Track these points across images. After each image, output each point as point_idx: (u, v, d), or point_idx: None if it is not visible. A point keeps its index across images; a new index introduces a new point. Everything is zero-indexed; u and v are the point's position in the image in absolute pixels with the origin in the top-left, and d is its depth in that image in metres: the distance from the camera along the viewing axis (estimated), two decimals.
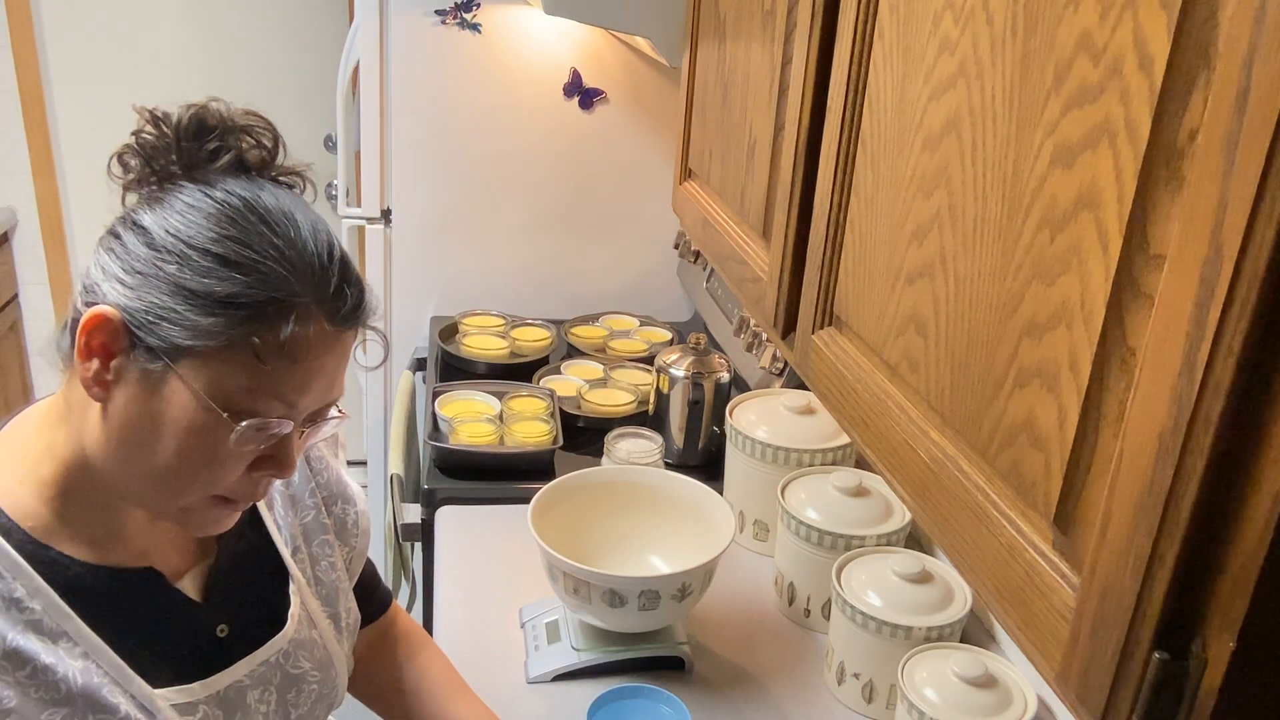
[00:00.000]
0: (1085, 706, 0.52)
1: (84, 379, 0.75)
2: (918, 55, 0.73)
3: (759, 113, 1.09)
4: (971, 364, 0.65)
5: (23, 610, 0.75)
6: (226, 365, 0.74)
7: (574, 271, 2.44)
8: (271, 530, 0.95)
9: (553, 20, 2.19)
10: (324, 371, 0.78)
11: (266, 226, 0.76)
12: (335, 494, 1.03)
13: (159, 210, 0.76)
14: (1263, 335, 0.41)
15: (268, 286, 0.74)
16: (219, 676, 0.87)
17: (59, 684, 0.76)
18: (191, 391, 0.74)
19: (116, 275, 0.75)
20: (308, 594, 0.97)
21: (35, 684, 0.74)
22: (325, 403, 0.81)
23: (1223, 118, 0.42)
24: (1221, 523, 0.44)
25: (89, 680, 0.77)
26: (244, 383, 0.74)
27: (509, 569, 1.56)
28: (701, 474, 1.57)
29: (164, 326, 0.73)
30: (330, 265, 0.78)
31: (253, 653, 0.90)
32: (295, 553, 0.97)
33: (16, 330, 3.29)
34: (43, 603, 0.76)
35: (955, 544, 0.66)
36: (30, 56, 3.11)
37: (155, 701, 0.81)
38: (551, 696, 1.31)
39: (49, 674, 0.75)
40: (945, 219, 0.69)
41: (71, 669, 0.76)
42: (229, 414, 0.74)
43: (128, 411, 0.76)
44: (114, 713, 0.78)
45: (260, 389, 0.75)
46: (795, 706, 1.33)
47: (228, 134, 0.80)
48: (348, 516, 1.04)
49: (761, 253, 1.09)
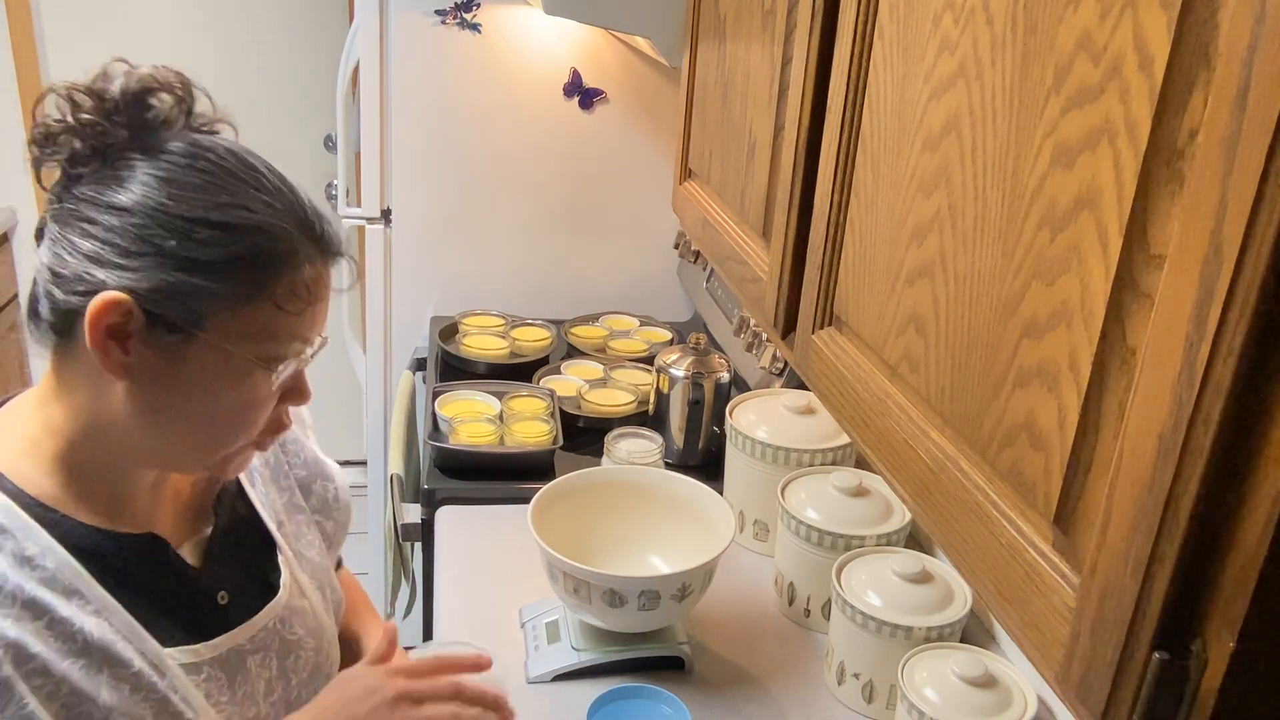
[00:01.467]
0: (1085, 706, 0.52)
1: (104, 364, 0.76)
2: (918, 55, 0.73)
3: (759, 113, 1.09)
4: (971, 364, 0.65)
5: (35, 568, 0.77)
6: (251, 320, 0.78)
7: (574, 271, 2.44)
8: (257, 505, 0.98)
9: (553, 20, 2.19)
10: (326, 303, 0.83)
11: (246, 184, 0.78)
12: (314, 472, 1.06)
13: (130, 187, 0.76)
14: (1263, 335, 0.41)
15: (273, 239, 0.78)
16: (221, 640, 0.89)
17: (75, 635, 0.77)
18: (222, 352, 0.77)
19: (111, 261, 0.75)
20: (295, 565, 0.99)
21: (54, 634, 0.76)
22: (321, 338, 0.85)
23: (1223, 118, 0.42)
24: (1221, 522, 0.44)
25: (103, 634, 0.79)
26: (271, 330, 0.78)
27: (509, 569, 1.56)
28: (701, 474, 1.57)
29: (182, 299, 0.75)
30: (306, 205, 0.82)
31: (251, 619, 0.92)
32: (280, 527, 1.00)
33: (16, 330, 3.29)
34: (55, 561, 0.78)
35: (955, 544, 0.66)
36: (30, 56, 3.11)
37: (164, 660, 0.83)
38: (551, 696, 1.31)
39: (66, 625, 0.77)
40: (945, 219, 0.69)
41: (86, 623, 0.78)
42: (262, 363, 0.78)
43: (156, 384, 0.78)
44: (128, 667, 0.80)
45: (286, 333, 0.79)
46: (795, 706, 1.33)
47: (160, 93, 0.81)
48: (328, 492, 1.07)
49: (761, 253, 1.09)
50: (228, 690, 0.89)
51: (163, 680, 0.82)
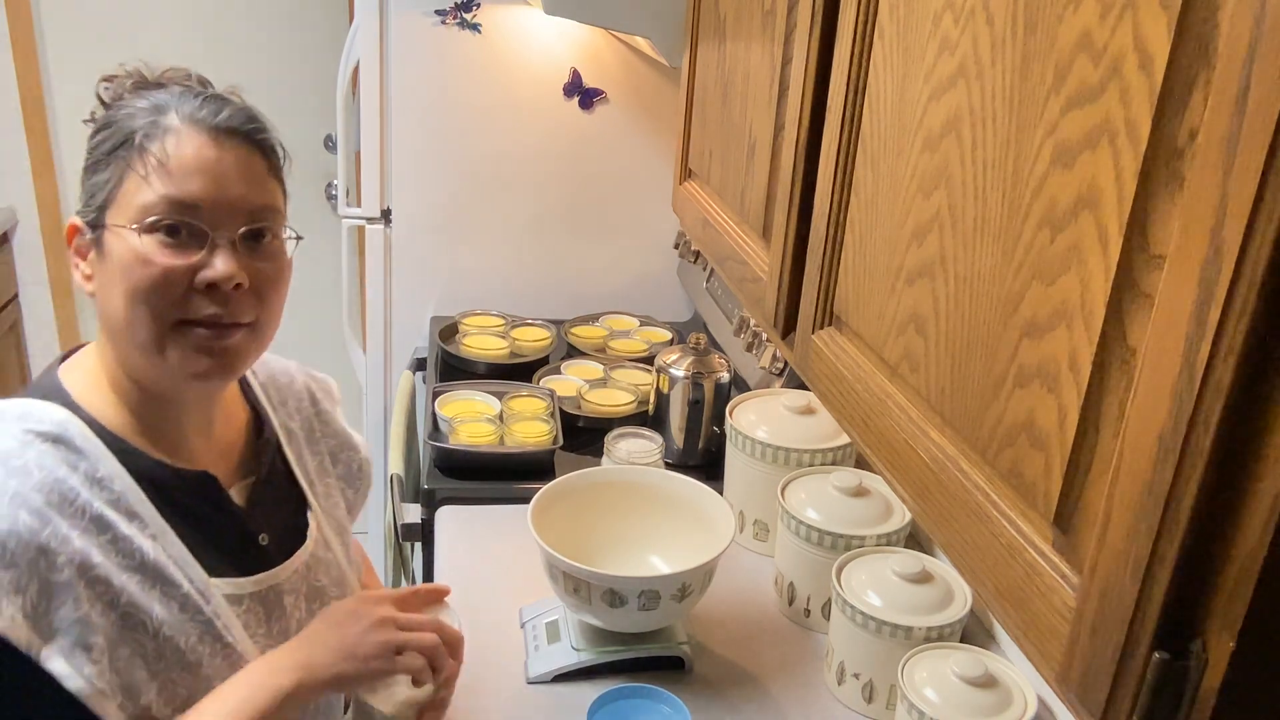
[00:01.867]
0: (1085, 706, 0.52)
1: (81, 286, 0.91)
2: (918, 55, 0.73)
3: (759, 113, 1.09)
4: (971, 364, 0.65)
5: (104, 489, 0.86)
6: (127, 195, 0.87)
7: (574, 271, 2.44)
8: (292, 463, 1.08)
9: (553, 20, 2.19)
10: (210, 171, 0.88)
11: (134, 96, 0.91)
12: (342, 444, 1.17)
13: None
14: (1263, 335, 0.41)
15: (133, 120, 0.88)
16: (262, 576, 0.97)
17: (135, 553, 0.86)
18: (117, 233, 0.87)
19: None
20: (323, 520, 1.08)
21: (116, 550, 0.85)
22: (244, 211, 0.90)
23: (1223, 118, 0.42)
24: (1221, 523, 0.44)
25: (158, 556, 0.88)
26: (145, 200, 0.86)
27: (509, 569, 1.56)
28: (701, 474, 1.57)
29: (90, 202, 0.89)
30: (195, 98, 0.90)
31: (286, 561, 1.00)
32: (310, 486, 1.09)
33: (16, 330, 3.29)
34: (121, 485, 0.87)
35: (955, 544, 0.66)
36: (30, 56, 3.11)
37: (210, 588, 0.91)
38: (551, 696, 1.31)
39: (127, 543, 0.86)
40: (945, 219, 0.69)
41: (144, 544, 0.87)
42: (141, 227, 0.86)
43: (100, 289, 0.90)
44: (178, 588, 0.89)
45: (154, 198, 0.86)
46: (795, 706, 1.33)
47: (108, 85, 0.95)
48: (353, 463, 1.17)
49: (761, 253, 1.09)
50: (264, 624, 0.96)
51: (207, 606, 0.91)
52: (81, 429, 0.87)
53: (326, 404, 1.16)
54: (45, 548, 0.81)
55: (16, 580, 0.79)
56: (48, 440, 0.85)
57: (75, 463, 0.85)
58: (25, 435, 0.85)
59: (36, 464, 0.83)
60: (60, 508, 0.83)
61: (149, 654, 0.86)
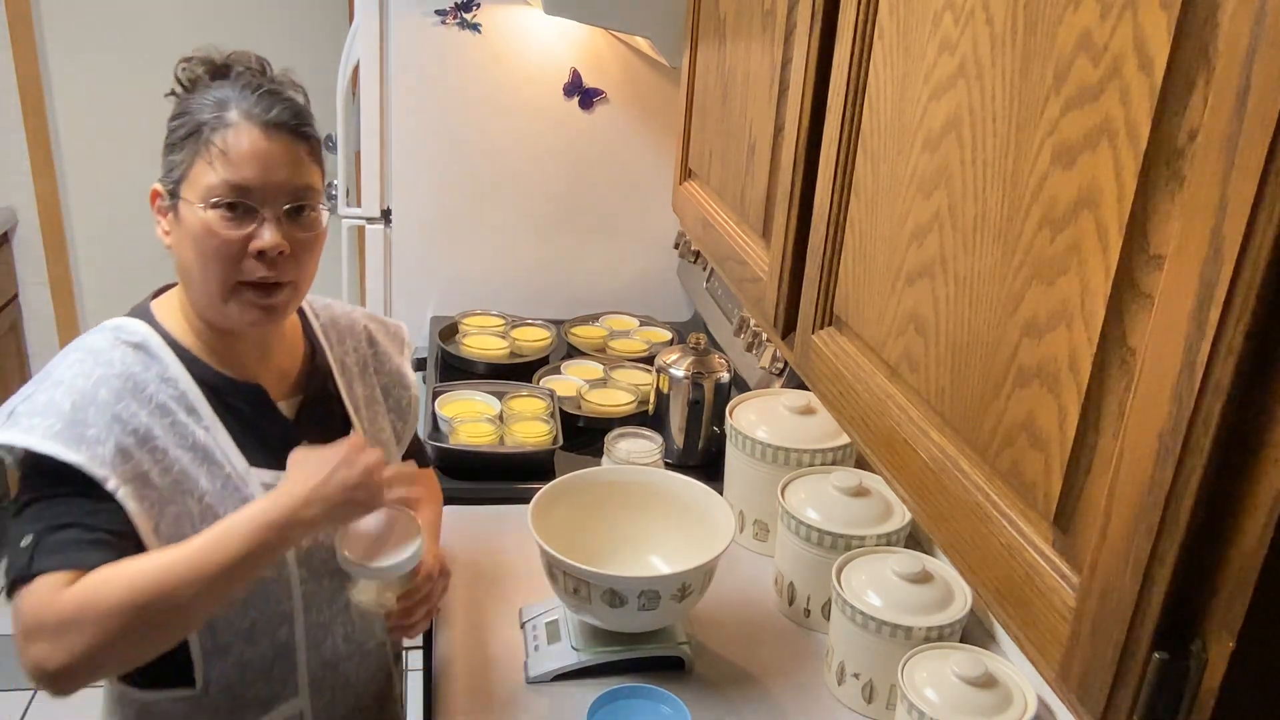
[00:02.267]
0: (1085, 706, 0.52)
1: (161, 238, 1.12)
2: (918, 55, 0.73)
3: (759, 113, 1.09)
4: (971, 364, 0.65)
5: (171, 386, 1.09)
6: (197, 177, 1.06)
7: (574, 271, 2.44)
8: (342, 390, 1.27)
9: (553, 20, 2.19)
10: (262, 160, 1.07)
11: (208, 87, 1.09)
12: (394, 381, 1.36)
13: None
14: (1263, 335, 0.41)
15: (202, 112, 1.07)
16: None
17: (189, 436, 1.09)
18: (190, 205, 1.06)
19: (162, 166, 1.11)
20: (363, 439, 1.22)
21: (174, 431, 1.08)
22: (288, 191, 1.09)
23: (1223, 118, 0.42)
24: (1221, 523, 0.44)
25: (208, 442, 1.10)
26: (210, 182, 1.06)
27: (509, 569, 1.56)
28: (701, 474, 1.57)
29: (170, 175, 1.09)
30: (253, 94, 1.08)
31: None
32: (356, 411, 1.27)
33: (16, 330, 3.29)
34: (185, 385, 1.10)
35: (955, 544, 0.66)
36: (30, 56, 3.11)
37: (249, 475, 1.12)
38: (551, 696, 1.31)
39: (184, 428, 1.09)
40: (945, 219, 0.69)
41: (198, 432, 1.09)
42: (205, 205, 1.06)
43: (176, 246, 1.10)
44: (222, 468, 1.10)
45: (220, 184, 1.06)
46: (795, 706, 1.33)
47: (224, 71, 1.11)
48: (403, 400, 1.37)
49: (761, 253, 1.09)
50: None
51: (245, 488, 1.11)
52: (159, 341, 1.11)
53: (386, 344, 1.36)
54: (118, 417, 1.04)
55: (96, 435, 1.02)
56: (131, 346, 1.10)
57: (149, 365, 1.09)
58: (115, 339, 1.10)
59: (119, 360, 1.08)
60: (133, 393, 1.06)
61: (194, 516, 1.07)
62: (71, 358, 1.08)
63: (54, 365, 1.08)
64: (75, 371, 1.06)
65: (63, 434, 1.01)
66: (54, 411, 1.02)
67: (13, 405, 1.05)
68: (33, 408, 1.03)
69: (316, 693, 1.21)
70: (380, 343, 1.35)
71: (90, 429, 1.02)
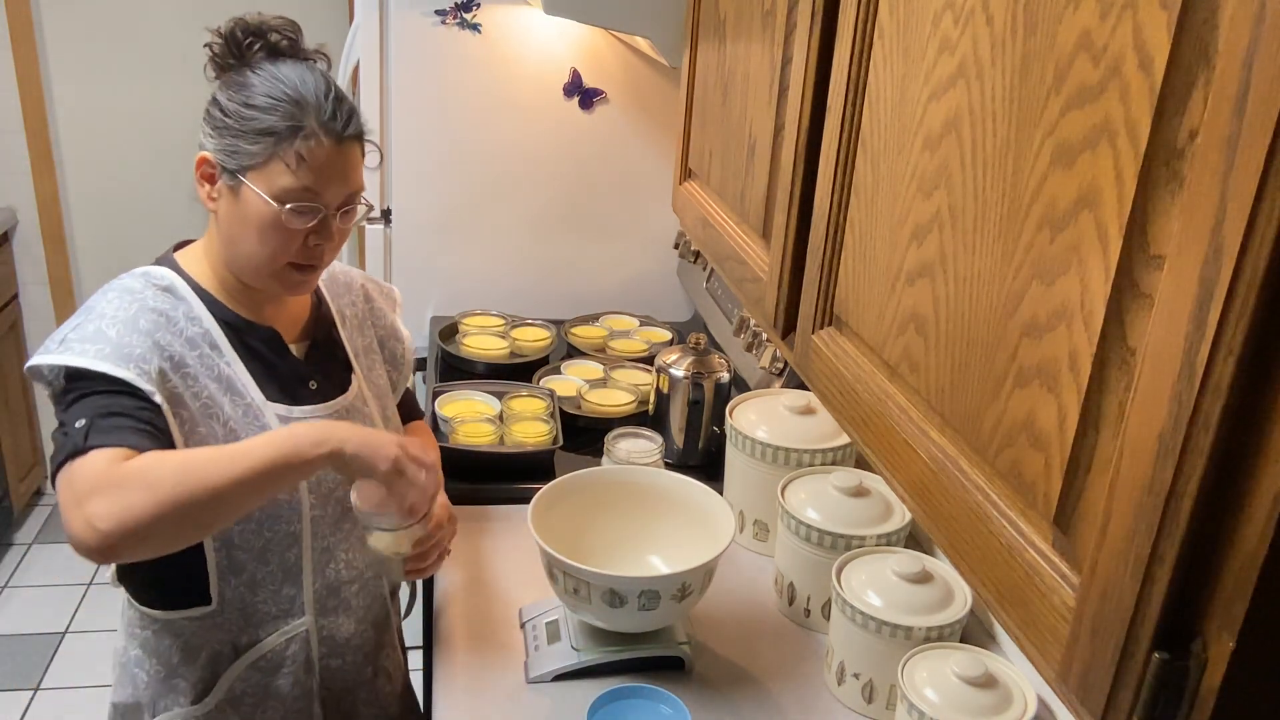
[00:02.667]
0: (1085, 706, 0.52)
1: (203, 200, 1.21)
2: (918, 55, 0.73)
3: (759, 113, 1.09)
4: (971, 364, 0.65)
5: (196, 324, 1.20)
6: (272, 174, 1.16)
7: (574, 271, 2.44)
8: (344, 338, 1.38)
9: (553, 20, 2.19)
10: (334, 169, 1.18)
11: (284, 83, 1.17)
12: (389, 335, 1.47)
13: (225, 89, 1.19)
14: (1263, 335, 0.41)
15: (286, 118, 1.15)
16: (307, 409, 1.27)
17: (214, 367, 1.20)
18: (257, 194, 1.16)
19: (207, 133, 1.19)
20: (363, 383, 1.37)
21: (202, 365, 1.19)
22: (345, 194, 1.21)
23: (1223, 118, 0.42)
24: (1221, 523, 0.44)
25: (230, 374, 1.21)
26: (285, 184, 1.16)
27: (509, 569, 1.56)
28: (701, 474, 1.57)
29: (234, 157, 1.16)
30: (326, 101, 1.18)
31: (329, 401, 1.30)
32: (355, 358, 1.38)
33: (16, 330, 3.29)
34: (209, 324, 1.21)
35: (955, 544, 0.66)
36: (30, 56, 3.11)
37: (266, 407, 1.23)
38: (551, 696, 1.31)
39: (209, 360, 1.20)
40: (945, 219, 0.69)
41: (220, 365, 1.21)
42: (278, 203, 1.16)
43: (227, 215, 1.20)
44: (242, 397, 1.21)
45: (295, 187, 1.16)
46: (795, 706, 1.33)
47: (261, 34, 1.20)
48: (397, 351, 1.48)
49: (761, 253, 1.09)
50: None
51: (262, 418, 1.22)
52: (184, 285, 1.22)
53: (380, 302, 1.49)
54: (157, 343, 1.15)
55: (141, 355, 1.13)
56: (160, 288, 1.21)
57: (176, 305, 1.20)
58: (145, 282, 1.21)
59: (151, 298, 1.19)
60: (166, 326, 1.17)
61: (219, 438, 1.18)
62: (110, 295, 1.19)
63: (94, 302, 1.18)
64: (116, 306, 1.17)
65: (112, 355, 1.11)
66: (102, 338, 1.13)
67: (63, 334, 1.14)
68: (83, 335, 1.13)
69: (321, 613, 1.31)
70: (375, 300, 1.48)
71: (135, 350, 1.13)
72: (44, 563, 3.16)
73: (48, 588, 3.05)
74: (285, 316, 1.31)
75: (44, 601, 2.99)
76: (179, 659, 1.27)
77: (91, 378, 1.11)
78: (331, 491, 1.28)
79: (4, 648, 2.80)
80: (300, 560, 1.27)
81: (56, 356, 1.12)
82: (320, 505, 1.27)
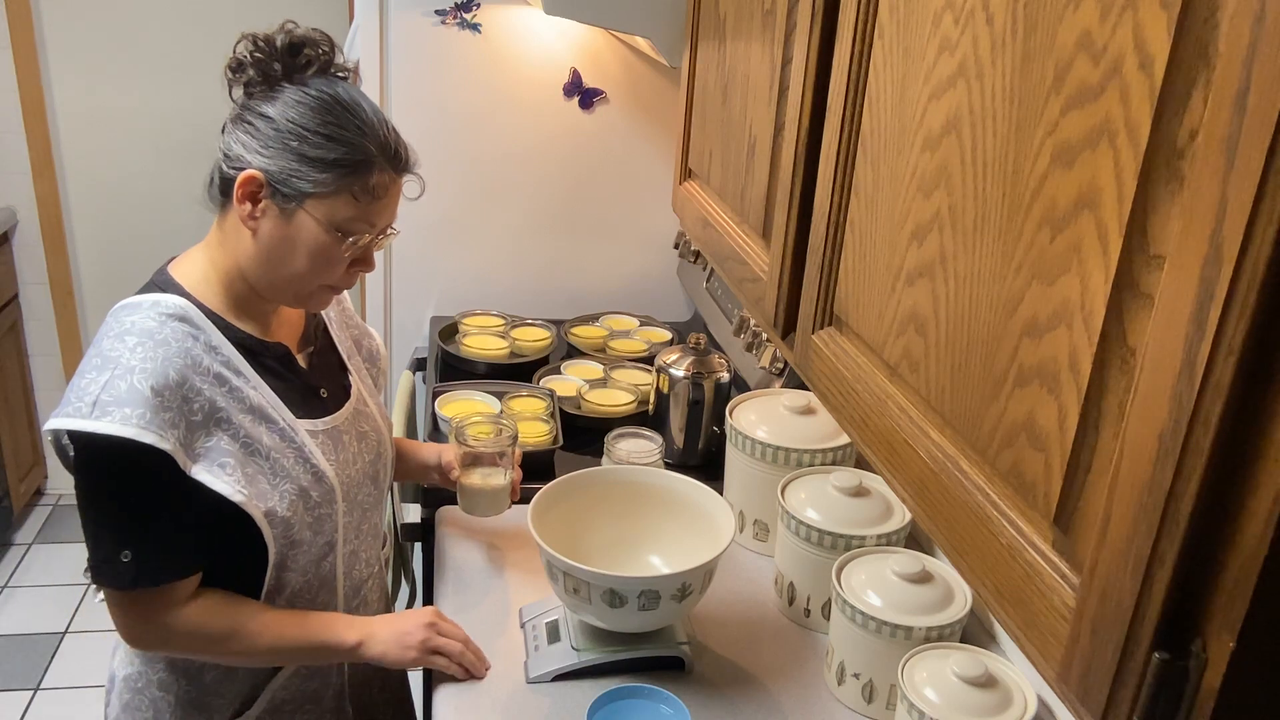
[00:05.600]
0: (1085, 706, 0.52)
1: (240, 217, 1.15)
2: (918, 55, 0.73)
3: (759, 113, 1.09)
4: (971, 364, 0.65)
5: (217, 354, 1.16)
6: (336, 204, 1.14)
7: (574, 271, 2.44)
8: (336, 340, 1.38)
9: (553, 20, 2.19)
10: (392, 202, 1.20)
11: (350, 112, 1.15)
12: (361, 332, 1.48)
13: (277, 104, 1.14)
14: (1263, 335, 0.41)
15: (357, 152, 1.14)
16: (327, 419, 1.28)
17: (244, 399, 1.17)
18: (315, 221, 1.14)
19: (255, 149, 1.13)
20: (359, 383, 1.38)
21: (232, 397, 1.16)
22: (389, 222, 1.21)
23: (1223, 118, 0.42)
24: (1221, 523, 0.44)
25: (260, 401, 1.19)
26: (348, 214, 1.15)
27: (509, 569, 1.56)
28: (701, 474, 1.57)
29: (294, 181, 1.13)
30: (389, 133, 1.18)
31: (340, 409, 1.31)
32: (349, 358, 1.39)
33: (16, 330, 3.29)
34: (228, 351, 1.18)
35: (955, 544, 0.66)
36: (30, 56, 3.11)
37: (297, 425, 1.22)
38: (551, 696, 1.31)
39: (239, 392, 1.17)
40: (945, 219, 0.69)
41: (249, 393, 1.18)
42: (340, 234, 1.15)
43: (271, 237, 1.16)
44: (276, 424, 1.20)
45: (358, 218, 1.16)
46: (795, 706, 1.33)
47: (308, 47, 1.17)
48: (372, 347, 1.48)
49: (761, 253, 1.09)
50: (333, 454, 1.26)
51: (297, 438, 1.22)
52: (195, 310, 1.17)
53: (346, 302, 1.49)
54: (186, 396, 1.11)
55: (172, 419, 1.09)
56: (175, 319, 1.15)
57: (196, 335, 1.15)
58: (160, 317, 1.14)
59: (173, 337, 1.13)
60: (193, 368, 1.13)
61: (265, 471, 1.18)
62: (130, 342, 1.11)
63: (114, 351, 1.11)
64: (142, 355, 1.10)
65: (153, 422, 1.08)
66: (138, 399, 1.07)
67: (94, 395, 1.08)
68: (117, 396, 1.07)
69: (349, 611, 1.35)
70: (344, 299, 1.49)
71: (168, 413, 1.09)
72: (44, 563, 3.16)
73: (48, 588, 3.05)
74: (287, 326, 1.30)
75: (44, 601, 2.99)
76: (214, 676, 1.27)
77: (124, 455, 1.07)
78: (355, 493, 1.30)
79: (4, 648, 2.80)
80: (335, 568, 1.30)
81: (98, 423, 1.06)
82: (349, 511, 1.29)
